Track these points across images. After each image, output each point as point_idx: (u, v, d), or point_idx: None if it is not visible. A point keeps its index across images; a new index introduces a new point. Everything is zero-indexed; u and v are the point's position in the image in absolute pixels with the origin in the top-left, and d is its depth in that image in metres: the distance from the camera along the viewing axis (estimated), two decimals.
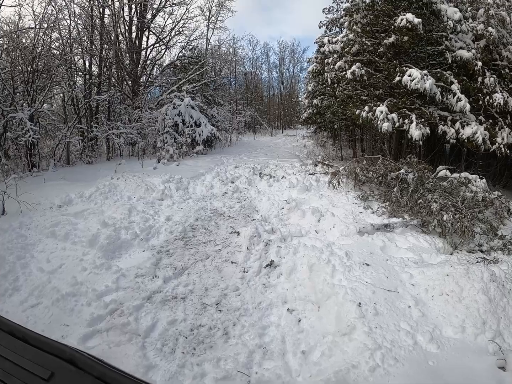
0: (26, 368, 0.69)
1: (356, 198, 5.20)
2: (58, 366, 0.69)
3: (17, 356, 0.72)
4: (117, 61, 12.93)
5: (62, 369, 0.68)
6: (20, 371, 0.69)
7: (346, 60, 8.29)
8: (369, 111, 7.10)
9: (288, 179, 6.82)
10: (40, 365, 0.69)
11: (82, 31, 12.02)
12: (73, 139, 10.04)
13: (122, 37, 13.97)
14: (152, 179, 6.75)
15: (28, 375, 0.68)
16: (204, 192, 6.39)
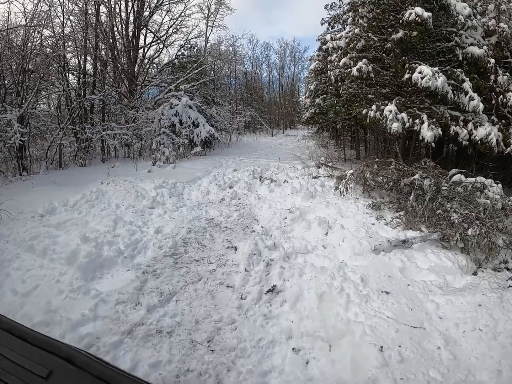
0: (24, 367, 0.68)
1: (367, 207, 4.63)
2: (56, 365, 0.68)
3: (15, 355, 0.71)
4: (113, 59, 12.38)
5: (60, 367, 0.68)
6: (18, 370, 0.68)
7: (351, 56, 7.72)
8: (377, 111, 6.54)
9: (291, 184, 6.26)
10: (38, 363, 0.68)
11: (76, 28, 11.46)
12: (65, 141, 9.51)
13: (119, 35, 13.42)
14: (144, 184, 6.20)
15: (27, 374, 0.67)
16: (199, 198, 5.83)
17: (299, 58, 33.17)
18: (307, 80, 25.39)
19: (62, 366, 0.68)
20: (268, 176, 6.98)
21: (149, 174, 7.83)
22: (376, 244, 3.48)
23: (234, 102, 26.07)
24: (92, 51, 11.98)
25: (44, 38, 10.41)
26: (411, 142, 8.74)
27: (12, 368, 0.69)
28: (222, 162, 9.87)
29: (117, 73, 12.83)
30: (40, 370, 0.67)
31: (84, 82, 11.26)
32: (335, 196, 5.35)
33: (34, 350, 0.72)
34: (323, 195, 5.44)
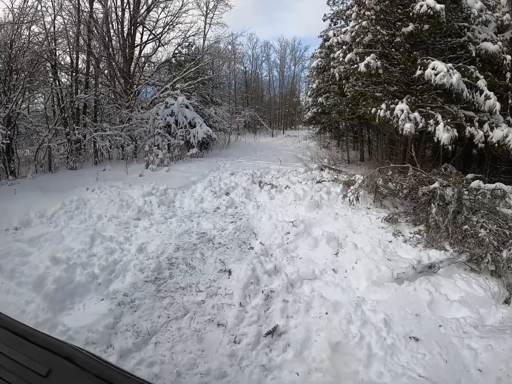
0: (24, 365, 0.68)
1: (382, 221, 4.02)
2: (56, 363, 0.67)
3: (15, 353, 0.70)
4: (108, 57, 11.77)
5: (60, 366, 0.67)
6: (18, 368, 0.68)
7: (357, 52, 7.11)
8: (387, 110, 5.94)
9: (293, 190, 5.65)
10: (38, 361, 0.68)
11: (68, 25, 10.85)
12: (53, 143, 8.92)
13: (114, 33, 12.80)
14: (132, 191, 5.60)
15: (26, 372, 0.66)
16: (192, 207, 5.22)
17: (300, 57, 32.45)
18: (308, 79, 24.77)
19: (61, 364, 0.67)
20: (268, 181, 6.37)
21: (140, 178, 7.23)
22: (399, 272, 2.88)
23: (234, 101, 25.43)
24: (85, 48, 11.39)
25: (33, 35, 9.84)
26: (421, 144, 8.13)
27: (11, 366, 0.68)
28: (219, 164, 9.26)
29: (112, 71, 12.23)
30: (40, 368, 0.66)
31: (76, 80, 10.68)
32: (343, 206, 4.74)
33: (34, 349, 0.71)
34: (329, 204, 4.83)
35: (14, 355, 0.70)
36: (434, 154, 9.35)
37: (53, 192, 6.39)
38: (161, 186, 5.86)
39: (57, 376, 0.66)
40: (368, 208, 4.60)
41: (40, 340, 0.73)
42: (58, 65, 10.58)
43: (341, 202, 4.81)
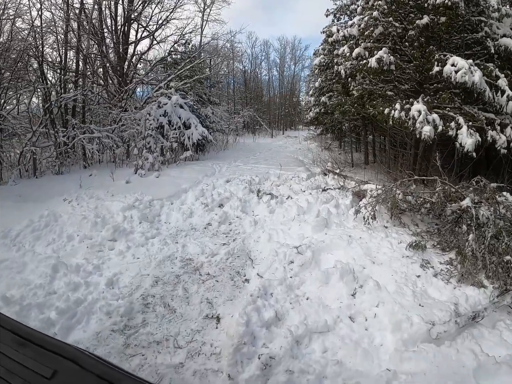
0: (29, 367, 0.67)
1: (407, 248, 3.28)
2: (60, 365, 0.67)
3: (20, 355, 0.70)
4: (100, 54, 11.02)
5: (64, 367, 0.66)
6: (23, 370, 0.67)
7: (366, 46, 6.38)
8: (401, 110, 5.22)
9: (296, 201, 4.92)
10: (43, 363, 0.67)
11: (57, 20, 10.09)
12: (37, 147, 8.21)
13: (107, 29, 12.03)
14: (112, 204, 4.85)
15: (31, 374, 0.66)
16: (180, 222, 4.47)
17: (300, 56, 31.57)
18: (309, 79, 23.97)
19: (66, 366, 0.66)
20: (267, 190, 5.62)
21: (126, 186, 6.49)
22: (439, 331, 2.15)
23: (233, 101, 24.65)
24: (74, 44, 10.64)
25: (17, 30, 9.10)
26: (433, 147, 7.39)
27: (16, 368, 0.67)
28: (215, 168, 8.51)
29: (104, 70, 11.48)
30: (45, 370, 0.65)
31: (62, 78, 9.93)
32: (356, 223, 4.00)
33: (38, 351, 0.70)
34: (340, 221, 4.09)
35: (18, 358, 0.69)
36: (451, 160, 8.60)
37: (31, 202, 5.68)
38: (146, 197, 5.12)
39: (62, 377, 0.65)
40: (385, 227, 3.87)
41: (45, 342, 0.73)
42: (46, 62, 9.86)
43: (353, 219, 4.07)
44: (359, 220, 4.00)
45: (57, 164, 8.47)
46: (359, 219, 4.01)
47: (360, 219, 3.98)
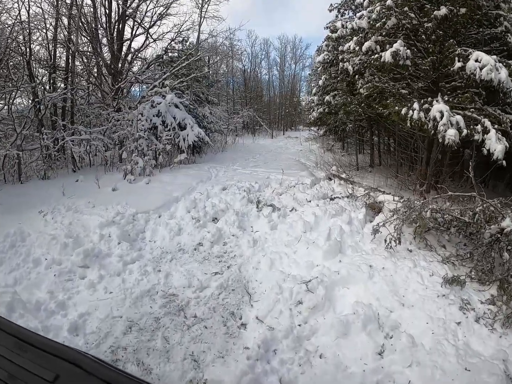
0: (31, 371, 0.66)
1: (442, 285, 2.62)
2: (63, 369, 0.66)
3: (22, 359, 0.69)
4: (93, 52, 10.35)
5: (67, 371, 0.66)
6: (25, 374, 0.66)
7: (376, 40, 5.73)
8: (420, 110, 4.56)
9: (301, 215, 4.27)
10: (45, 367, 0.66)
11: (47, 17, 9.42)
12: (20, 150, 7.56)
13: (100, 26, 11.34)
14: (90, 218, 4.20)
15: (33, 378, 0.65)
16: (166, 242, 3.81)
17: (301, 55, 30.77)
18: (310, 78, 23.28)
19: (68, 370, 0.66)
20: (268, 201, 4.95)
21: (112, 193, 5.84)
22: None
23: (232, 101, 23.95)
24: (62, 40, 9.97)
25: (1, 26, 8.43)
26: (446, 150, 6.73)
27: (18, 372, 0.67)
28: (211, 173, 7.86)
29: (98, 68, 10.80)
30: (47, 374, 0.65)
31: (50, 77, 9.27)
32: (374, 245, 3.35)
33: (40, 354, 0.70)
34: (355, 242, 3.43)
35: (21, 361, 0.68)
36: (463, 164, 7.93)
37: (6, 213, 5.02)
38: (129, 209, 4.46)
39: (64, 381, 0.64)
40: (409, 251, 3.22)
41: (47, 346, 0.73)
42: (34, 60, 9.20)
43: (370, 239, 3.42)
44: (377, 241, 3.35)
45: (43, 169, 7.82)
46: (378, 239, 3.35)
47: (379, 240, 3.33)
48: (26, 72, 8.65)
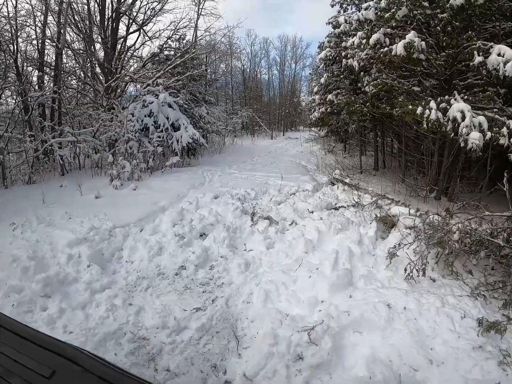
0: (27, 366, 0.66)
1: (479, 333, 2.04)
2: (60, 365, 0.66)
3: (18, 354, 0.68)
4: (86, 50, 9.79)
5: (64, 367, 0.65)
6: (21, 369, 0.66)
7: (385, 32, 5.15)
8: (438, 110, 3.98)
9: (302, 230, 3.69)
10: (41, 363, 0.66)
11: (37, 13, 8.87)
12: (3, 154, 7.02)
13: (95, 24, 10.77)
14: (61, 234, 3.62)
15: (30, 373, 0.65)
16: (144, 263, 3.24)
17: (301, 55, 30.13)
18: (310, 78, 22.65)
19: (65, 366, 0.65)
20: (265, 212, 4.37)
21: (95, 202, 5.29)
22: None
23: (231, 101, 23.35)
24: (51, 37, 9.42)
25: None
26: (460, 154, 6.15)
27: (15, 368, 0.66)
28: (205, 177, 7.29)
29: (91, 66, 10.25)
30: (43, 370, 0.64)
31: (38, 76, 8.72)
32: (390, 273, 2.77)
33: (37, 350, 0.69)
34: (367, 269, 2.84)
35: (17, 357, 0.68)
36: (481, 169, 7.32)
37: None
38: (106, 223, 3.88)
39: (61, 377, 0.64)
40: (432, 280, 2.65)
41: (43, 341, 0.72)
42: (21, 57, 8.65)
43: (385, 264, 2.84)
44: (394, 267, 2.77)
45: (27, 173, 7.28)
46: (395, 264, 2.77)
47: (395, 265, 2.75)
48: (13, 71, 8.14)
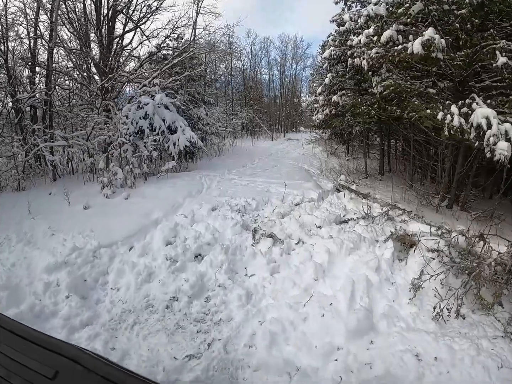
0: (30, 367, 0.66)
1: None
2: (62, 365, 0.65)
3: (21, 356, 0.68)
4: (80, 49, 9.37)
5: (66, 368, 0.65)
6: (24, 370, 0.65)
7: (397, 29, 4.74)
8: (460, 115, 3.57)
9: (310, 251, 3.29)
10: (44, 364, 0.66)
11: None
12: None
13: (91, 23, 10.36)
14: (40, 256, 3.21)
15: (33, 374, 0.64)
16: (131, 292, 2.82)
17: (302, 55, 29.63)
18: (312, 78, 22.22)
19: (68, 366, 0.65)
20: (267, 227, 3.94)
21: (82, 214, 4.87)
22: None
23: (231, 102, 22.92)
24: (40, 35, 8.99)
25: None
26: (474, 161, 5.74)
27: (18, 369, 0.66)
28: (203, 184, 6.88)
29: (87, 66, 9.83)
30: (46, 370, 0.64)
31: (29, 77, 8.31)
32: (415, 308, 2.37)
33: (40, 351, 0.69)
34: (388, 305, 2.42)
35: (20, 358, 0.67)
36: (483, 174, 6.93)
37: None
38: (91, 241, 3.47)
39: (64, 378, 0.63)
40: (462, 317, 2.24)
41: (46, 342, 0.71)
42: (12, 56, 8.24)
43: (408, 297, 2.44)
44: (418, 300, 2.37)
45: (16, 179, 6.89)
46: (419, 298, 2.37)
47: (420, 299, 2.35)
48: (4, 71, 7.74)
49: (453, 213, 5.88)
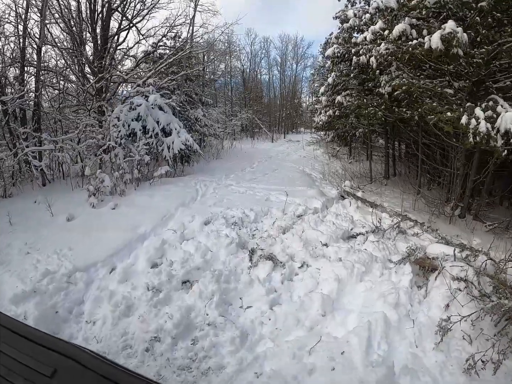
0: (29, 365, 0.64)
1: None
2: (60, 363, 0.64)
3: (20, 354, 0.67)
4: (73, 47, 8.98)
5: (64, 366, 0.64)
6: (23, 368, 0.64)
7: (410, 23, 4.31)
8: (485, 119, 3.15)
9: (316, 278, 2.86)
10: (42, 362, 0.65)
11: None
12: None
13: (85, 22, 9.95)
14: (9, 281, 2.79)
15: (31, 372, 0.63)
16: (107, 328, 2.39)
17: (302, 55, 29.13)
18: (313, 78, 21.76)
19: (66, 364, 0.64)
20: (267, 246, 3.52)
21: (64, 226, 4.45)
22: None
23: (230, 102, 22.48)
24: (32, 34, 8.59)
25: None
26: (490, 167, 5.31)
27: (16, 367, 0.65)
28: (198, 190, 6.46)
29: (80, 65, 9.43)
30: (45, 369, 0.63)
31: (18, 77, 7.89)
32: (441, 355, 1.95)
33: (38, 349, 0.68)
34: (411, 354, 1.99)
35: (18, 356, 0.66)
36: None
37: None
38: (66, 263, 3.04)
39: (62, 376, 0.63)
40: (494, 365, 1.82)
41: (45, 340, 0.71)
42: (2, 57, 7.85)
43: (434, 342, 2.01)
44: (446, 345, 1.94)
45: (2, 185, 6.49)
46: (446, 342, 1.95)
47: (447, 343, 1.93)
48: None
49: (467, 223, 5.45)
